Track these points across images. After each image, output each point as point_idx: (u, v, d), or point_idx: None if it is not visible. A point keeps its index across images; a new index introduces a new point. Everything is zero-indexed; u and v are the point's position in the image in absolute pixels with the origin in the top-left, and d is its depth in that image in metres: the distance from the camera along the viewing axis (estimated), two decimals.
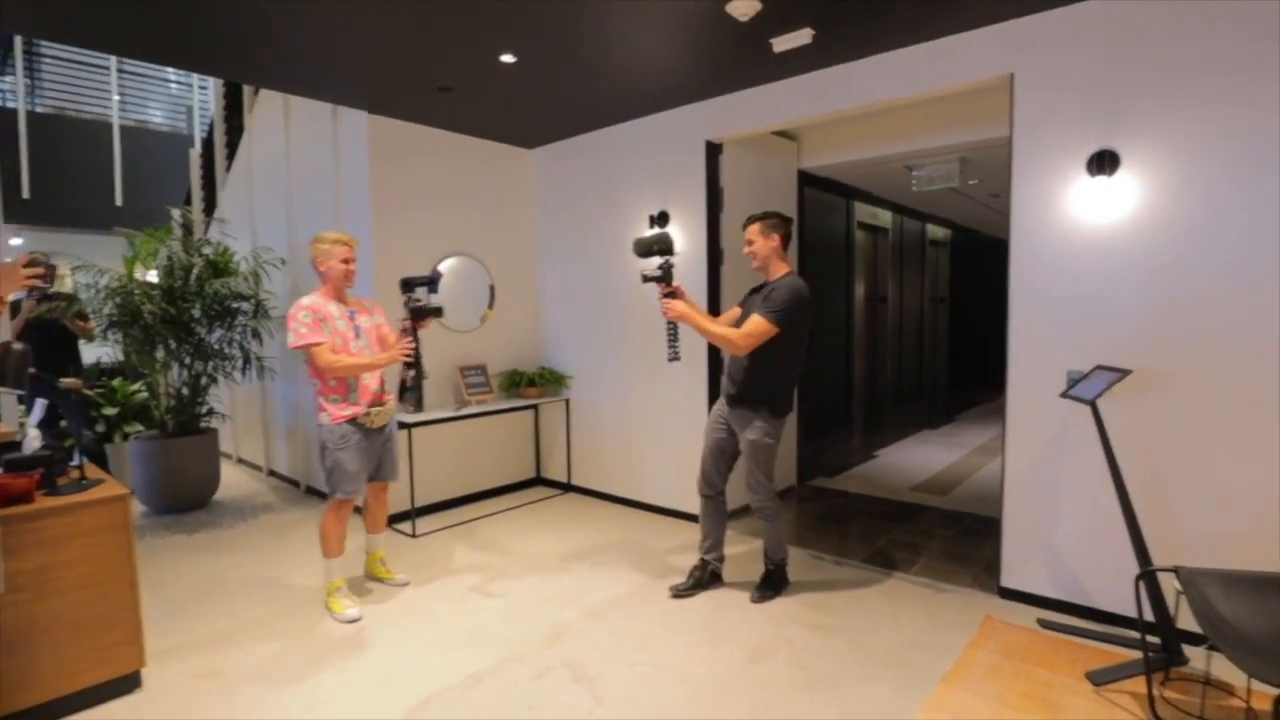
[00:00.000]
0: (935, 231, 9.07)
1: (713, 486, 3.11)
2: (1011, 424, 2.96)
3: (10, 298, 2.41)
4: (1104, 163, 2.64)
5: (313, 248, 2.95)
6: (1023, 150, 2.85)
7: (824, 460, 5.65)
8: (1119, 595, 2.70)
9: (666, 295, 2.88)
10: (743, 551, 3.63)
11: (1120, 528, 2.54)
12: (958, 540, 3.80)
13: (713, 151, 3.96)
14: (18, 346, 2.07)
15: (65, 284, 4.35)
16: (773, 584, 3.10)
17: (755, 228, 2.99)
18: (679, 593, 3.06)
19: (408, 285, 3.01)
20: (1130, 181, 2.61)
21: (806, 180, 4.86)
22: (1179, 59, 2.49)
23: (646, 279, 2.91)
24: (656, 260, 2.91)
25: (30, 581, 2.14)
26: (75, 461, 2.43)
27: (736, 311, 3.06)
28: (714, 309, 3.99)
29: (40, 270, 1.78)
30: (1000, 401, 2.99)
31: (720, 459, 3.08)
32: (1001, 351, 2.99)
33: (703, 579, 3.13)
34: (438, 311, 3.00)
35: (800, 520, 4.21)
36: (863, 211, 7.08)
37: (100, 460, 4.49)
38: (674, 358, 2.90)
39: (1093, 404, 2.45)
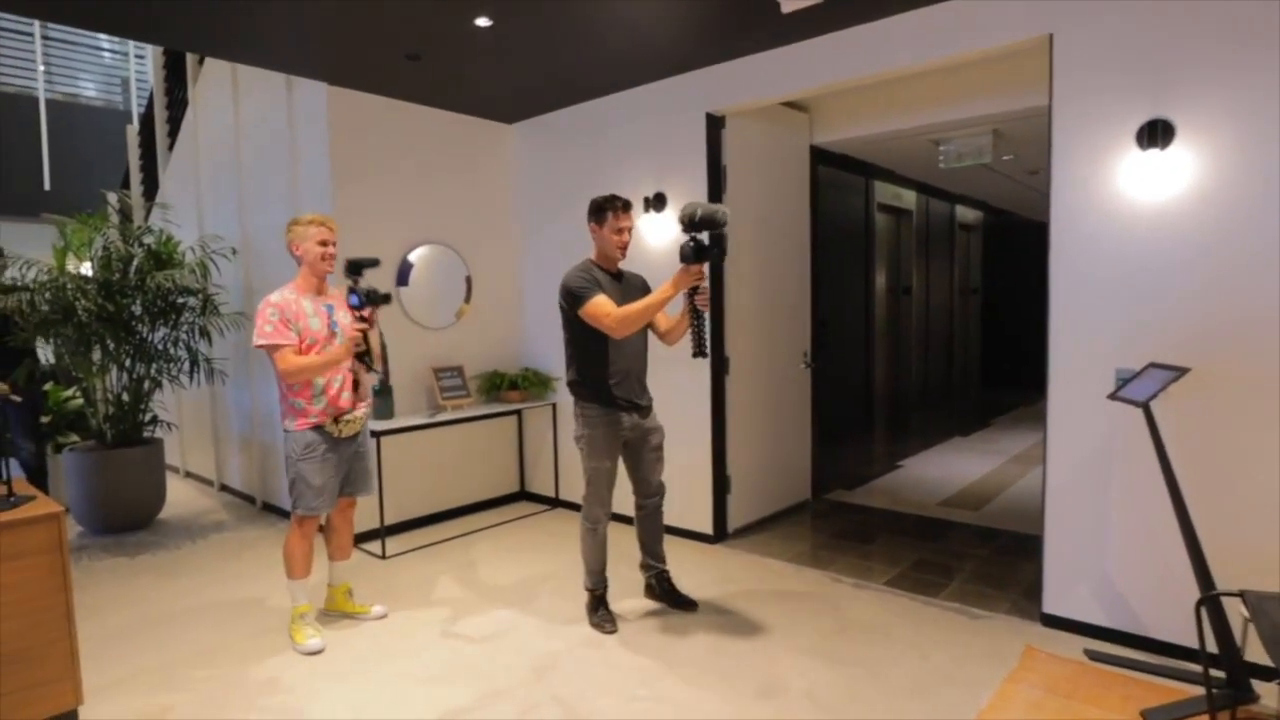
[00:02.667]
0: (965, 214, 9.09)
1: None
2: (1053, 430, 2.96)
3: None
4: (1156, 134, 2.63)
5: (289, 231, 2.96)
6: (1063, 121, 2.85)
7: (842, 471, 5.64)
8: (1178, 623, 2.69)
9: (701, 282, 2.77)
10: (743, 571, 3.64)
11: (1178, 547, 2.54)
12: (993, 561, 3.81)
13: (714, 125, 3.96)
14: None
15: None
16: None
17: (632, 214, 3.05)
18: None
19: (355, 268, 2.91)
20: (1186, 155, 2.60)
21: (820, 157, 4.87)
22: (1243, 19, 2.49)
23: (704, 255, 2.72)
24: (704, 233, 2.74)
25: None
26: (2, 476, 2.41)
27: (608, 304, 2.89)
28: (717, 303, 3.99)
29: None
30: (1040, 405, 2.99)
31: None
32: (1041, 348, 2.98)
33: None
34: (386, 298, 2.91)
35: (816, 538, 4.20)
36: (884, 192, 7.09)
37: (41, 476, 4.46)
38: (704, 352, 2.80)
39: (1146, 406, 2.44)
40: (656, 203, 4.12)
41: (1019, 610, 3.17)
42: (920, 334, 8.22)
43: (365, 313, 2.88)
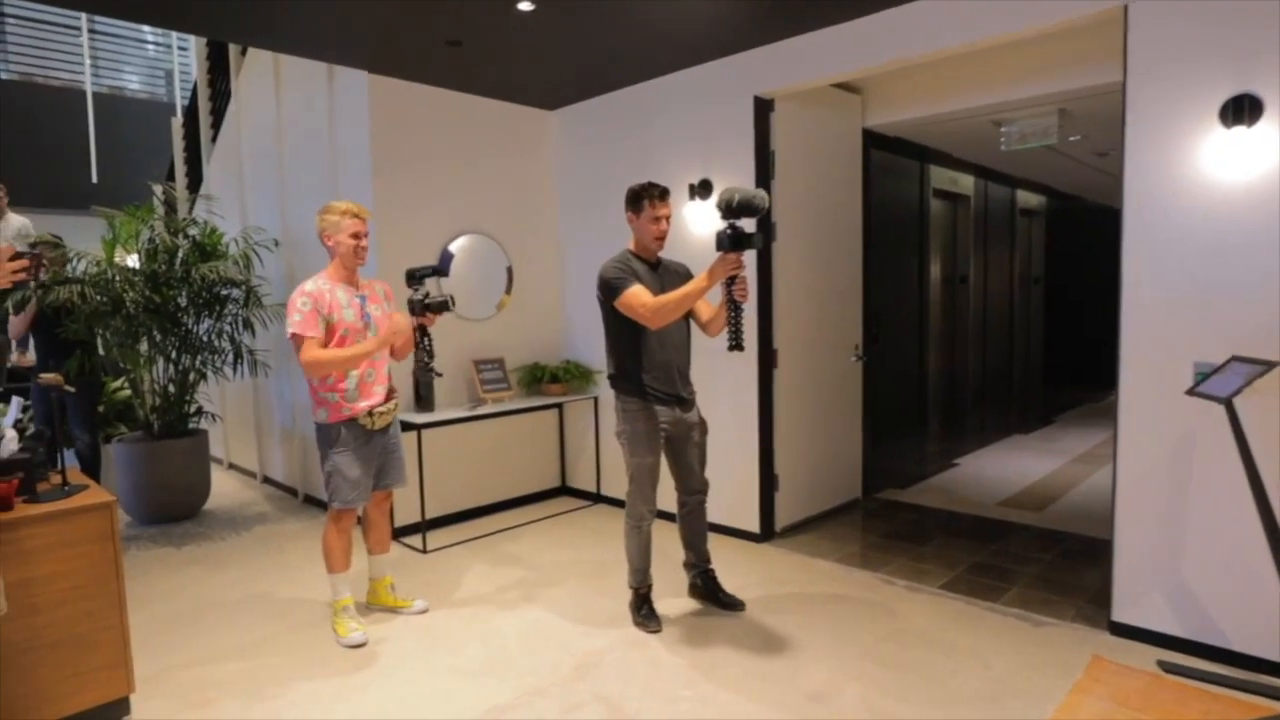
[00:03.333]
0: (1027, 199, 8.86)
1: None
2: (1125, 427, 2.87)
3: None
4: (1242, 110, 2.52)
5: (320, 219, 2.99)
6: (1139, 98, 2.75)
7: (895, 469, 5.57)
8: (1263, 634, 2.60)
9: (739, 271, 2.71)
10: (781, 569, 3.61)
11: (1263, 552, 2.45)
12: (1057, 565, 3.72)
13: (763, 109, 3.92)
14: None
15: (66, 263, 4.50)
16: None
17: (670, 202, 3.04)
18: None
19: (414, 277, 3.04)
20: (1276, 133, 2.49)
21: (873, 140, 4.79)
22: None
23: (742, 243, 2.66)
24: (742, 220, 2.70)
25: (8, 597, 2.22)
26: (57, 465, 2.52)
27: (644, 294, 2.88)
28: (764, 293, 3.96)
29: (25, 263, 1.83)
30: (1108, 401, 2.92)
31: None
32: (1111, 341, 2.89)
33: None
34: (445, 305, 3.02)
35: (867, 538, 4.16)
36: (940, 176, 6.95)
37: (94, 466, 4.65)
38: (740, 346, 2.74)
39: (1228, 403, 2.36)
40: (702, 189, 4.10)
41: (1085, 618, 3.09)
42: (978, 326, 8.04)
43: (423, 317, 3.02)
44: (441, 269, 3.13)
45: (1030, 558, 3.82)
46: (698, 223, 4.13)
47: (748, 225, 2.76)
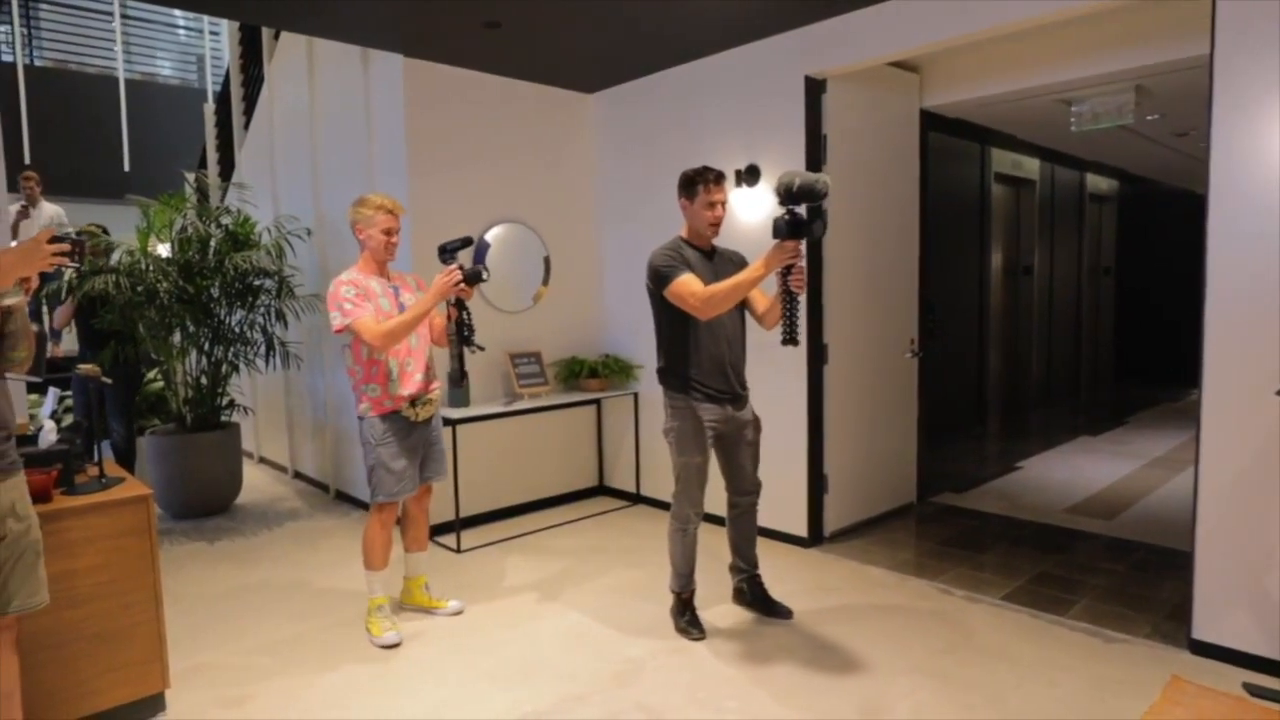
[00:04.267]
0: (1098, 183, 8.65)
1: None
2: (1208, 429, 2.79)
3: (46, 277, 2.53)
4: None
5: (353, 211, 3.05)
6: (1228, 72, 2.66)
7: (952, 471, 5.49)
8: None
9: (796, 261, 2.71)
10: (833, 576, 3.58)
11: None
12: (1129, 577, 3.63)
13: (814, 90, 3.88)
14: (33, 329, 2.23)
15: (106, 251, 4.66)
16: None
17: (725, 187, 3.01)
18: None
19: (446, 251, 3.05)
20: None
21: (931, 122, 4.72)
22: None
23: (801, 230, 2.66)
24: (801, 206, 2.68)
25: (49, 590, 2.31)
26: (94, 457, 2.61)
27: (694, 283, 2.85)
28: (815, 285, 3.92)
29: (66, 246, 1.89)
30: (1188, 400, 2.83)
31: None
32: (1192, 336, 2.82)
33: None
34: (479, 275, 2.98)
35: (921, 545, 4.11)
36: (1002, 160, 6.82)
37: (129, 458, 4.81)
38: (794, 340, 2.75)
39: None
40: (749, 175, 4.07)
41: (1162, 635, 3.01)
42: (1043, 319, 7.88)
43: (462, 292, 2.99)
44: (472, 240, 3.14)
45: (1100, 569, 3.73)
46: (744, 211, 4.11)
47: (804, 211, 2.72)
